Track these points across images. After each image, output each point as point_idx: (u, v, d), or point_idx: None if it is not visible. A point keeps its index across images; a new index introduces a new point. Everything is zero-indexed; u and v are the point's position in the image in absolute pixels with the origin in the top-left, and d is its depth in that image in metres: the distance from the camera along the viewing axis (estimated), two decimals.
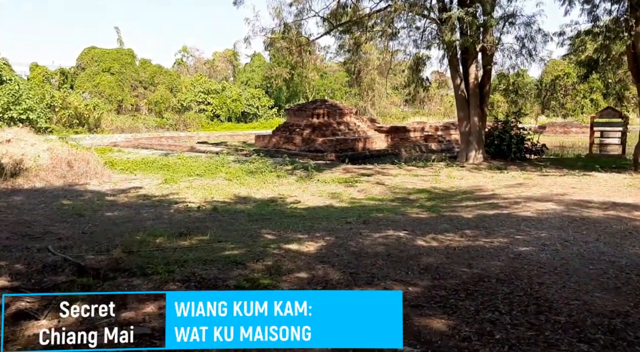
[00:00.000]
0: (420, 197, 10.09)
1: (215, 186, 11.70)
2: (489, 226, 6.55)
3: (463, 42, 14.06)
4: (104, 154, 18.90)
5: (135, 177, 13.44)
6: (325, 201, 10.01)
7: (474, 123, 15.51)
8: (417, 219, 7.32)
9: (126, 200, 9.97)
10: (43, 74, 33.42)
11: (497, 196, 9.22)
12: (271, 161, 15.81)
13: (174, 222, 7.68)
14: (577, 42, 19.58)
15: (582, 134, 34.80)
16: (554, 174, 12.31)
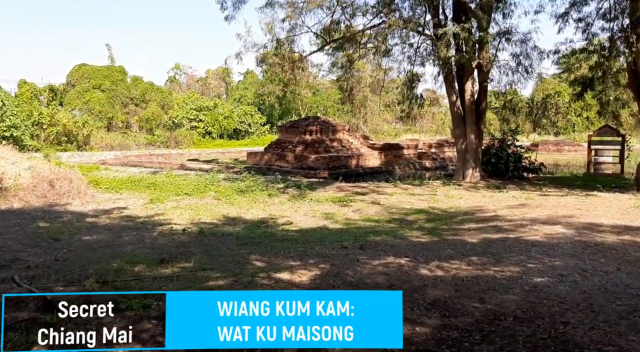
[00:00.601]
0: (418, 218, 9.62)
1: (204, 206, 11.16)
2: (497, 252, 6.07)
3: (459, 58, 13.77)
4: (90, 172, 18.32)
5: (120, 196, 12.87)
6: (319, 221, 9.51)
7: (470, 141, 15.15)
8: (418, 243, 6.83)
9: (108, 222, 9.40)
10: (31, 91, 32.87)
11: (500, 218, 8.76)
12: (262, 179, 15.31)
13: (156, 247, 7.14)
14: (572, 60, 19.50)
15: (575, 153, 34.68)
16: (555, 194, 11.89)
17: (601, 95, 19.87)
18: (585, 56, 18.86)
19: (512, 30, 14.65)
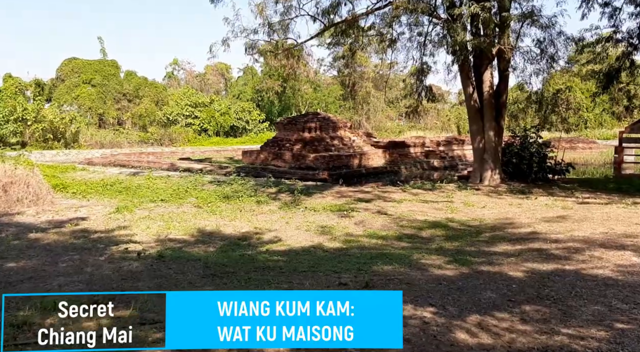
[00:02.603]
0: (435, 234, 7.84)
1: (179, 216, 9.42)
2: (560, 298, 4.30)
3: (478, 43, 11.94)
4: (64, 173, 16.62)
5: (86, 203, 11.13)
6: (313, 238, 7.75)
7: (489, 138, 13.33)
8: (442, 278, 5.06)
9: (54, 238, 7.66)
10: (16, 86, 31.12)
11: (540, 236, 6.97)
12: (253, 183, 13.55)
13: (94, 281, 5.39)
14: (599, 49, 17.69)
15: (590, 150, 32.82)
16: (594, 202, 10.08)
17: (628, 88, 18.05)
18: (613, 44, 17.12)
19: (536, 12, 12.78)
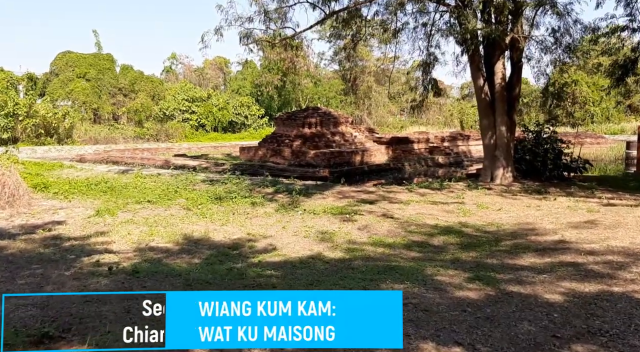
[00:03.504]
0: (448, 241, 7.00)
1: (165, 220, 8.59)
2: (616, 333, 3.47)
3: (490, 31, 11.03)
4: (51, 171, 15.77)
5: (67, 204, 10.30)
6: (312, 246, 6.92)
7: (500, 134, 12.45)
8: (465, 302, 4.22)
9: (20, 247, 6.82)
10: (8, 80, 30.23)
11: (571, 246, 6.12)
12: (248, 182, 12.70)
13: (52, 304, 4.55)
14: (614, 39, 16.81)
15: (597, 145, 31.97)
16: (621, 203, 9.21)
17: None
18: (629, 34, 16.24)
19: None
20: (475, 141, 25.12)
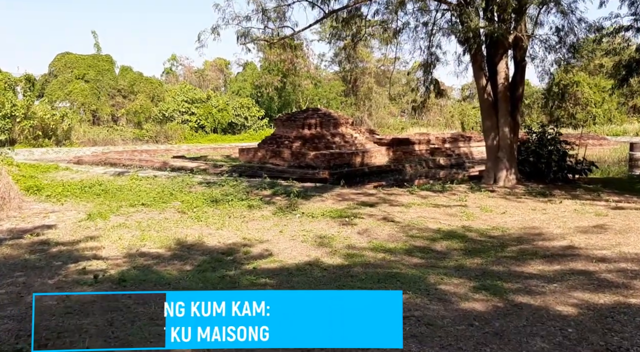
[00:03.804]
0: (451, 246, 6.72)
1: (158, 224, 8.31)
2: (637, 350, 3.17)
3: (493, 29, 10.76)
4: (46, 173, 15.51)
5: (59, 208, 10.03)
6: (310, 251, 6.65)
7: (503, 135, 12.17)
8: (472, 315, 3.93)
9: (6, 253, 6.56)
10: (5, 81, 29.98)
11: (581, 252, 5.84)
12: (246, 184, 12.42)
13: (29, 318, 4.27)
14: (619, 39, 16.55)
15: (600, 147, 31.71)
16: (629, 207, 8.90)
17: None
18: (633, 33, 15.97)
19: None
20: (477, 142, 24.86)
